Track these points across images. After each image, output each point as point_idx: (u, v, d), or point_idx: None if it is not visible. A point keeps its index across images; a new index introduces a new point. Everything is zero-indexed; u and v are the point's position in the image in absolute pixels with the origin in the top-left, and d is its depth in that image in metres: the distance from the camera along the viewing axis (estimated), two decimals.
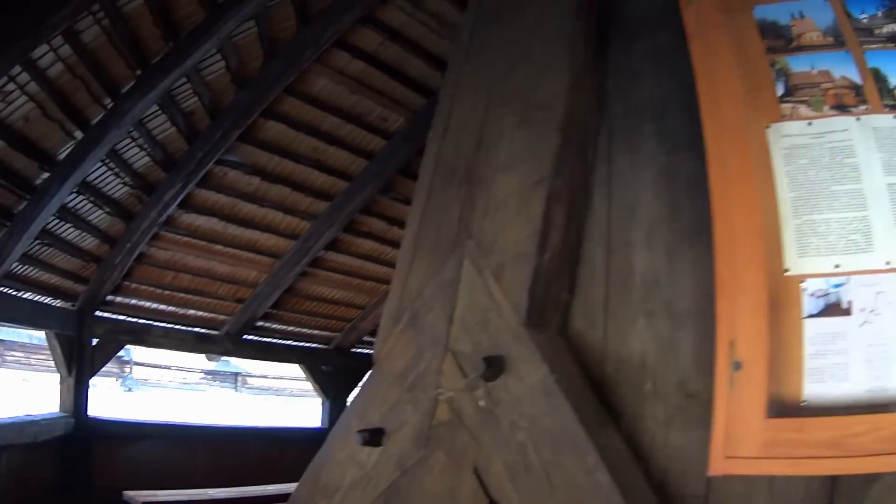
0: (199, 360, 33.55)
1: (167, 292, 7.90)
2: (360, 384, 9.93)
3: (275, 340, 9.46)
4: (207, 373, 35.50)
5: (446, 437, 2.34)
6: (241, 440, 8.96)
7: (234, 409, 25.45)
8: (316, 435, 9.71)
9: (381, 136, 7.36)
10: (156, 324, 8.03)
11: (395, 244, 8.80)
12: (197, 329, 8.49)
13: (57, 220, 6.09)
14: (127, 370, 32.09)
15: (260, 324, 9.06)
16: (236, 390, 35.74)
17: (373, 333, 10.37)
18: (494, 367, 2.18)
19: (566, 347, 2.27)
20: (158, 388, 32.29)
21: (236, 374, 36.23)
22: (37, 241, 6.00)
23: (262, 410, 26.29)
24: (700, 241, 2.00)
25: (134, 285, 7.59)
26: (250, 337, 9.09)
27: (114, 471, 7.31)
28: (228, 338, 8.68)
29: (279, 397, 35.35)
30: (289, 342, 9.64)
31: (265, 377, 37.13)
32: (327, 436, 2.89)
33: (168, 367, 33.80)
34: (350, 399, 10.45)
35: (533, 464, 2.06)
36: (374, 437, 2.55)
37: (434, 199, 2.83)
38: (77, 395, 7.13)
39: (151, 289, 7.76)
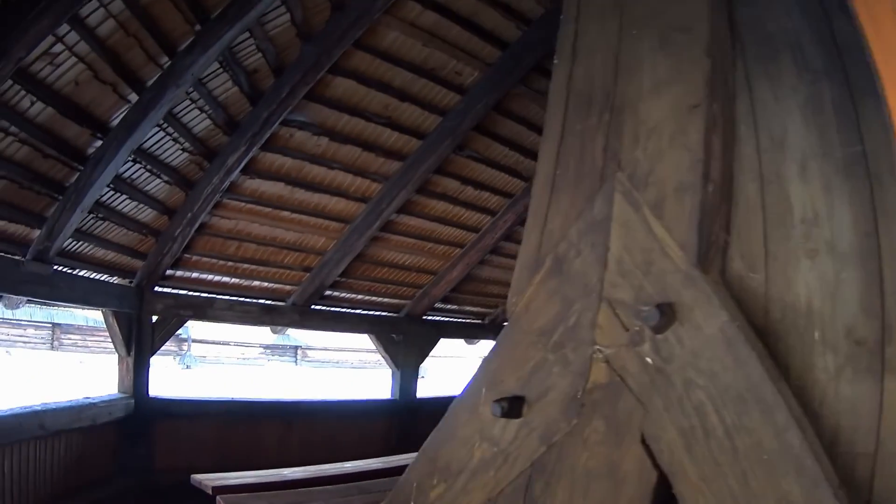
0: (258, 335, 33.97)
1: (230, 263, 7.26)
2: (431, 352, 9.52)
3: (343, 310, 8.83)
4: (267, 347, 35.39)
5: (605, 403, 2.06)
6: (309, 415, 8.44)
7: (295, 383, 25.46)
8: (386, 407, 9.22)
9: (454, 91, 6.72)
10: (219, 297, 7.43)
11: (469, 205, 8.20)
12: (262, 301, 7.88)
13: (112, 192, 5.50)
14: (185, 347, 31.76)
15: (328, 293, 8.42)
16: (296, 364, 35.38)
17: (446, 300, 9.74)
18: (665, 316, 1.89)
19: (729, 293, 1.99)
20: (217, 364, 32.26)
21: (296, 348, 36.09)
22: (91, 215, 5.44)
23: (323, 383, 26.13)
24: (855, 173, 1.85)
25: (195, 258, 6.96)
26: (318, 307, 8.46)
27: (176, 452, 6.95)
28: (295, 308, 8.06)
29: (340, 369, 35.05)
30: (358, 311, 9.00)
31: (326, 349, 36.79)
32: (449, 406, 2.67)
33: (226, 343, 33.68)
34: (421, 369, 9.96)
35: (713, 427, 1.80)
36: (513, 406, 2.22)
37: (570, 130, 2.52)
38: (137, 374, 6.65)
39: (214, 261, 7.13)
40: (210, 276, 7.30)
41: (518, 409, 2.22)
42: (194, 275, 7.17)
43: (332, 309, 8.67)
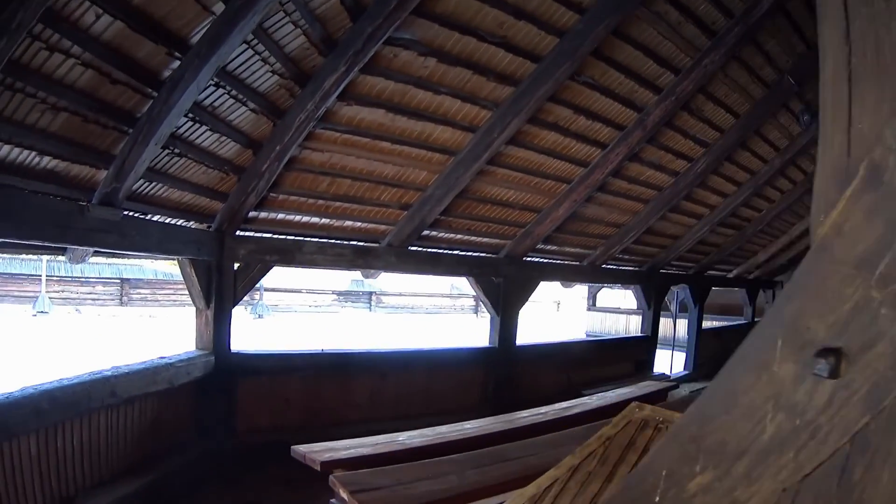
0: (331, 281, 34.39)
1: (321, 202, 6.44)
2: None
3: (441, 251, 7.97)
4: (340, 294, 35.16)
5: None
6: (403, 365, 7.78)
7: (370, 329, 25.28)
8: (485, 355, 8.48)
9: (573, 10, 5.78)
10: (308, 239, 6.65)
11: (580, 136, 7.36)
12: (355, 242, 7.06)
13: (190, 122, 4.70)
14: (256, 296, 30.92)
15: (427, 232, 7.56)
16: (370, 310, 34.99)
17: (546, 240, 8.79)
18: None
19: None
20: (289, 312, 31.92)
21: (370, 294, 35.74)
22: (166, 151, 4.67)
23: (401, 329, 25.95)
24: None
25: (282, 197, 6.16)
26: (415, 248, 7.63)
27: (260, 411, 6.45)
28: (391, 250, 7.25)
29: (415, 315, 34.76)
30: (455, 251, 8.14)
31: (401, 295, 36.46)
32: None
33: (298, 291, 33.38)
34: (517, 314, 9.11)
35: None
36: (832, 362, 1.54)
37: (864, 7, 1.71)
38: (217, 328, 6.00)
39: (303, 199, 6.31)
40: (298, 217, 6.51)
41: (836, 366, 1.65)
42: (280, 216, 6.39)
43: (430, 250, 7.84)
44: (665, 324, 22.89)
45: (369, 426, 7.10)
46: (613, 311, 25.16)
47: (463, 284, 41.96)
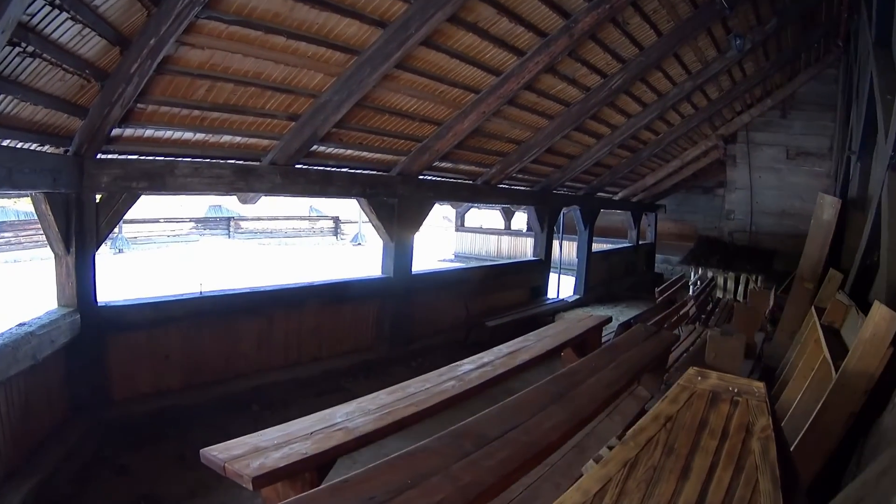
0: (189, 208, 33.90)
1: (197, 113, 5.76)
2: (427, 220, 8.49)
3: (331, 169, 7.51)
4: (198, 221, 34.49)
5: None
6: (289, 304, 7.39)
7: (233, 257, 25.07)
8: (379, 286, 8.30)
9: None
10: (181, 159, 5.97)
11: (499, 41, 7.12)
12: (234, 161, 6.45)
13: (47, 6, 3.84)
14: (116, 229, 28.40)
15: (316, 148, 7.05)
16: (229, 236, 34.98)
17: (445, 157, 8.60)
18: None
19: None
20: (149, 244, 30.38)
21: (229, 220, 35.78)
22: (12, 48, 3.83)
23: (263, 256, 26.07)
24: None
25: (151, 108, 5.42)
26: (302, 166, 7.10)
27: (139, 373, 5.96)
28: (276, 169, 6.72)
29: (273, 239, 35.31)
30: (346, 169, 7.70)
31: (259, 219, 36.40)
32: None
33: (157, 221, 31.88)
34: (412, 239, 8.89)
35: None
36: None
37: None
38: (80, 278, 5.34)
39: (176, 110, 5.60)
40: (169, 133, 5.81)
41: None
42: (149, 132, 5.67)
43: (319, 168, 7.34)
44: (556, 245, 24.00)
45: (261, 378, 6.83)
46: (486, 232, 25.78)
47: (323, 206, 41.64)
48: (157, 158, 5.79)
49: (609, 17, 7.35)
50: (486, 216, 33.44)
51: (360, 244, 35.64)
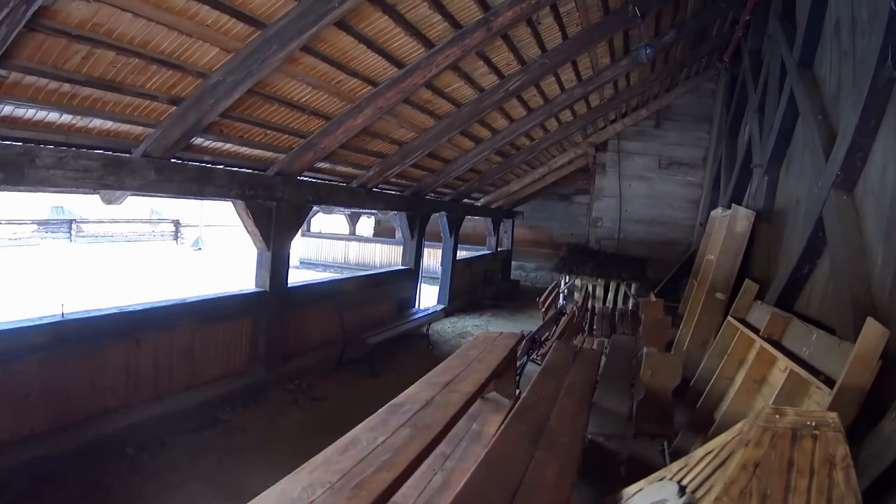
0: (30, 208, 32.43)
1: (68, 87, 5.07)
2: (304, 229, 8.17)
3: (210, 165, 6.97)
4: (40, 223, 32.63)
5: None
6: (158, 324, 6.71)
7: (79, 262, 24.10)
8: (252, 301, 7.88)
9: None
10: (44, 146, 5.20)
11: (412, 28, 7.01)
12: (101, 150, 5.76)
13: None
14: None
15: (196, 140, 6.50)
16: (71, 240, 33.64)
17: (328, 157, 8.35)
18: None
19: None
20: None
21: (70, 222, 34.49)
22: None
23: (105, 261, 25.16)
24: None
25: (15, 76, 4.68)
26: (179, 161, 6.52)
27: None
28: (150, 163, 6.08)
29: (115, 243, 34.22)
30: (221, 166, 7.20)
31: (100, 222, 35.33)
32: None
33: None
34: (289, 248, 8.43)
35: None
36: None
37: None
38: None
39: (45, 82, 4.89)
40: (31, 113, 5.10)
41: None
42: (6, 110, 4.93)
43: (198, 164, 6.77)
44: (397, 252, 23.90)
45: (132, 414, 6.28)
46: (335, 238, 25.60)
47: (164, 208, 40.01)
48: (13, 144, 5.00)
49: (530, 13, 7.42)
50: (328, 221, 33.35)
51: (199, 248, 35.49)
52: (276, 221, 7.92)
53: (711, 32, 12.44)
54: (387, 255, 24.09)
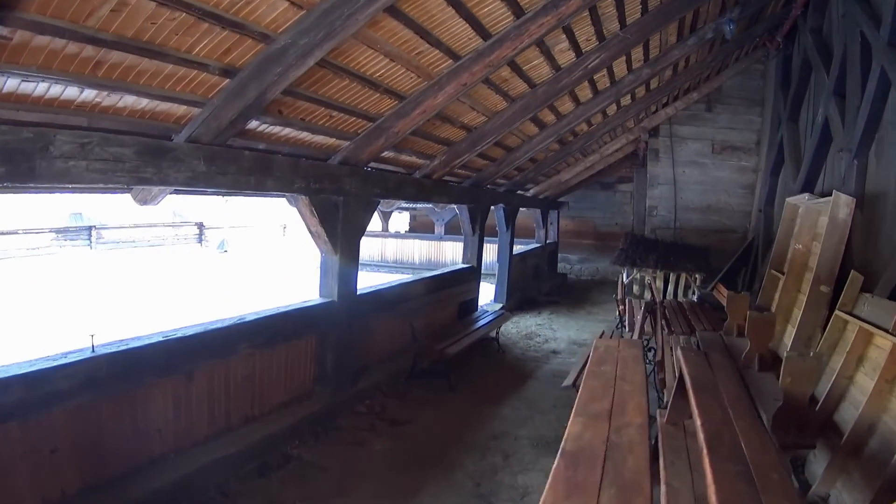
0: (47, 216, 30.08)
1: (92, 50, 3.44)
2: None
3: (270, 153, 5.32)
4: (58, 231, 29.62)
5: None
6: (217, 350, 5.11)
7: (100, 275, 21.13)
8: (320, 315, 6.31)
9: None
10: (60, 131, 3.54)
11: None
12: (137, 136, 4.11)
13: None
14: None
15: (254, 124, 4.88)
16: (91, 247, 30.32)
17: (398, 145, 6.73)
18: None
19: None
20: (4, 259, 24.82)
21: (90, 229, 31.11)
22: None
23: (129, 269, 22.73)
24: None
25: (21, 35, 3.07)
26: (235, 145, 4.89)
27: (15, 483, 3.66)
28: (198, 150, 4.45)
29: (137, 248, 31.30)
30: (279, 153, 5.53)
31: (121, 227, 32.23)
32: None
33: (14, 232, 26.67)
34: (357, 250, 6.83)
35: None
36: None
37: None
38: None
39: (61, 42, 3.26)
40: (43, 88, 3.49)
41: None
42: (10, 83, 3.34)
43: (256, 151, 5.12)
44: (444, 247, 22.22)
45: (185, 462, 4.70)
46: (370, 235, 23.83)
47: (187, 211, 37.70)
48: (23, 129, 3.35)
49: None
50: None
51: (225, 251, 32.57)
52: (343, 219, 6.30)
53: (766, 11, 10.75)
54: (425, 252, 22.42)
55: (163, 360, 4.52)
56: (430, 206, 21.49)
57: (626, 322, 9.85)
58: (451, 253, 21.78)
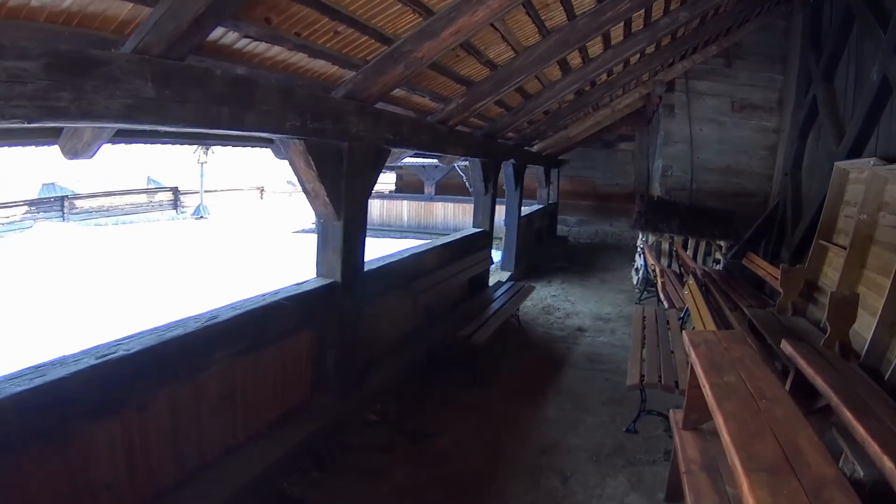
0: (23, 187, 28.27)
1: None
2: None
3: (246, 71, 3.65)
4: (31, 203, 27.83)
5: None
6: (182, 365, 3.44)
7: (67, 249, 19.66)
8: (320, 301, 4.69)
9: None
10: None
11: None
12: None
13: None
14: None
15: (222, 33, 3.22)
16: (64, 219, 28.29)
17: (412, 80, 5.05)
18: None
19: None
20: None
21: (62, 199, 29.00)
22: None
23: (99, 242, 20.86)
24: None
25: None
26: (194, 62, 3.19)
27: None
28: (144, 65, 2.75)
29: (111, 218, 29.65)
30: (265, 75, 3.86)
31: (94, 196, 30.11)
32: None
33: None
34: (365, 213, 5.15)
35: None
36: None
37: None
38: None
39: None
40: None
41: None
42: None
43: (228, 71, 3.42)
44: (435, 208, 20.69)
45: None
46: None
47: (162, 176, 35.45)
48: None
49: None
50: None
51: (202, 217, 30.82)
52: (348, 172, 4.62)
53: None
54: (414, 213, 20.82)
55: (98, 393, 2.84)
56: (420, 164, 19.88)
57: (664, 296, 8.38)
58: (441, 214, 20.40)
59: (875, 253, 6.43)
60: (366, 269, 5.22)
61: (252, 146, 5.59)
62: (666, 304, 8.10)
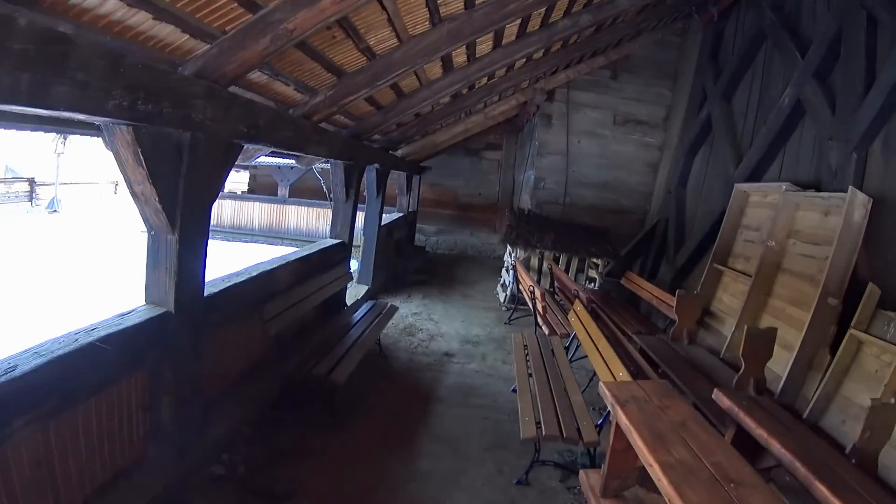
0: None
1: None
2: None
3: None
4: None
5: None
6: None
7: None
8: (151, 336, 3.96)
9: None
10: None
11: None
12: None
13: None
14: None
15: None
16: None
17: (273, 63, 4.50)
18: None
19: None
20: None
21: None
22: None
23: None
24: None
25: None
26: None
27: None
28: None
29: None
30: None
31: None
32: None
33: None
34: (208, 223, 4.31)
35: None
36: None
37: None
38: None
39: None
40: None
41: None
42: None
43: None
44: (288, 212, 19.75)
45: None
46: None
47: (20, 165, 33.45)
48: None
49: None
50: None
51: (55, 211, 28.70)
52: (189, 172, 3.81)
53: None
54: (266, 217, 19.91)
55: None
56: (276, 164, 18.91)
57: (542, 319, 8.08)
58: (294, 219, 19.56)
59: (783, 282, 6.55)
60: (207, 293, 4.41)
61: (78, 133, 4.63)
62: (546, 330, 7.80)
